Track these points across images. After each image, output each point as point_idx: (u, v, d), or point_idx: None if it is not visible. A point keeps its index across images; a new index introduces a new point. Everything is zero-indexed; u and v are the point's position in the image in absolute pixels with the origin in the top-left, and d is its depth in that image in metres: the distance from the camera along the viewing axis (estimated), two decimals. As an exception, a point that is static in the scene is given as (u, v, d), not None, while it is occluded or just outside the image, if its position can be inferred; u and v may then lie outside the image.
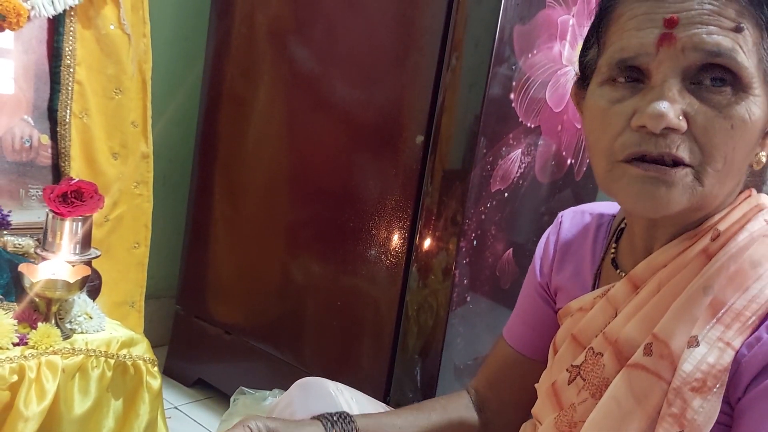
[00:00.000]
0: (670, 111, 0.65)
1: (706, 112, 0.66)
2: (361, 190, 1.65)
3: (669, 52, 0.66)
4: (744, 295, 0.69)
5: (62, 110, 1.61)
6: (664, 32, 0.66)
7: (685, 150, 0.67)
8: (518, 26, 1.46)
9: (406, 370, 1.61)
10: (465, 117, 1.48)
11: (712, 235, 0.73)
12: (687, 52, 0.66)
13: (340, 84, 1.68)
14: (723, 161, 0.67)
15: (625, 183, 0.69)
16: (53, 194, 1.38)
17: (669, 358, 0.70)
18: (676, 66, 0.66)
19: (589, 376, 0.77)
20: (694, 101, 0.67)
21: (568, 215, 0.96)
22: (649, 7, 0.67)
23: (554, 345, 0.88)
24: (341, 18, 1.67)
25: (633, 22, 0.68)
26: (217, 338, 1.98)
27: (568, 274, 0.92)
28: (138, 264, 1.84)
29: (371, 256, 1.64)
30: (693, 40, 0.65)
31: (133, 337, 1.43)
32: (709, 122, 0.66)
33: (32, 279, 1.29)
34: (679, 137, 0.66)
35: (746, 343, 0.67)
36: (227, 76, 1.92)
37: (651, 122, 0.66)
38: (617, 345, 0.75)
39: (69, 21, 1.58)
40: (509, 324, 1.03)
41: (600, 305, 0.80)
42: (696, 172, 0.68)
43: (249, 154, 1.88)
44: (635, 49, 0.68)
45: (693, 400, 0.67)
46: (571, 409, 0.78)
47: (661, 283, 0.74)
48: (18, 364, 1.24)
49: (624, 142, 0.69)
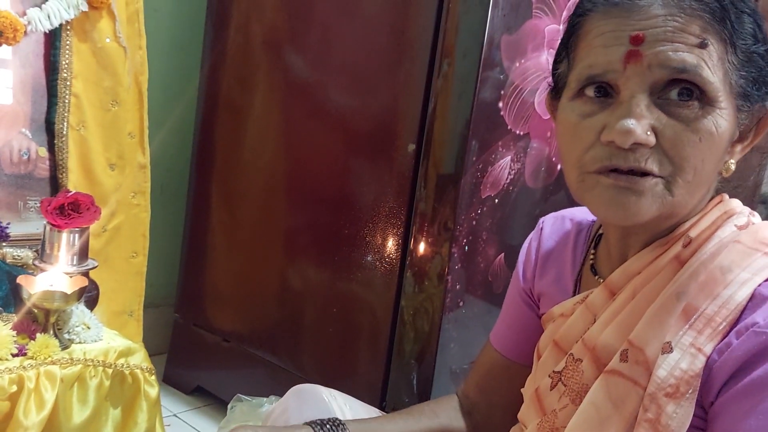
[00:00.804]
0: (638, 127, 0.67)
1: (674, 125, 0.68)
2: (356, 196, 1.67)
3: (636, 69, 0.68)
4: (715, 301, 0.70)
5: (59, 123, 1.63)
6: (631, 49, 0.67)
7: (654, 163, 0.68)
8: (506, 36, 1.48)
9: (402, 375, 1.63)
10: (455, 124, 1.50)
11: (684, 242, 0.74)
12: (653, 68, 0.67)
13: (335, 92, 1.70)
14: (693, 172, 0.69)
15: (597, 192, 0.71)
16: (50, 206, 1.40)
17: (644, 364, 0.71)
18: (643, 82, 0.68)
19: (570, 382, 0.79)
20: (662, 115, 0.68)
21: (549, 221, 0.98)
22: (615, 24, 0.69)
23: (538, 350, 0.89)
24: (335, 28, 1.69)
25: (600, 39, 0.70)
26: (216, 346, 2.00)
27: (550, 279, 0.93)
28: (136, 273, 1.86)
29: (366, 262, 1.66)
30: (659, 57, 0.67)
31: (131, 346, 1.44)
32: (677, 136, 0.68)
33: (30, 290, 1.30)
34: (648, 151, 0.68)
35: (717, 349, 0.68)
36: (223, 85, 1.94)
37: (620, 138, 0.67)
38: (595, 351, 0.76)
39: (65, 35, 1.60)
40: (495, 329, 1.04)
41: (579, 311, 0.81)
42: (666, 182, 0.69)
43: (245, 162, 1.90)
44: (603, 65, 0.69)
45: (667, 406, 0.68)
46: (553, 414, 0.80)
47: (636, 289, 0.76)
48: (17, 375, 1.26)
49: (594, 156, 0.71)
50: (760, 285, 0.70)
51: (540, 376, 0.85)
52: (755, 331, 0.67)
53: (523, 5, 1.50)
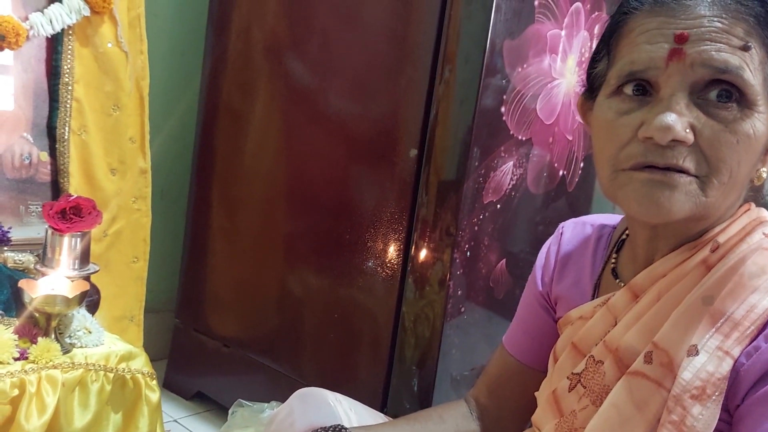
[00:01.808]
0: (678, 123, 0.67)
1: (712, 126, 0.68)
2: (357, 202, 1.67)
3: (678, 67, 0.68)
4: (742, 306, 0.70)
5: (61, 127, 1.63)
6: (674, 47, 0.68)
7: (691, 161, 0.68)
8: (508, 41, 1.48)
9: (403, 381, 1.63)
10: (457, 130, 1.50)
11: (712, 247, 0.74)
12: (696, 67, 0.68)
13: (336, 98, 1.70)
14: (728, 174, 0.69)
15: (631, 189, 0.71)
16: (52, 210, 1.40)
17: (669, 366, 0.71)
18: (684, 80, 0.68)
19: (590, 383, 0.79)
20: (701, 115, 0.68)
21: (569, 226, 0.98)
22: (660, 22, 0.69)
23: (554, 353, 0.89)
24: (336, 33, 1.70)
25: (644, 36, 0.70)
26: (216, 351, 1.99)
27: (569, 283, 0.93)
28: (137, 278, 1.86)
29: (368, 268, 1.66)
30: (702, 56, 0.67)
31: (132, 350, 1.44)
32: (716, 136, 0.68)
33: (32, 294, 1.30)
34: (686, 149, 0.68)
35: (745, 353, 0.69)
36: (224, 91, 1.95)
37: (658, 134, 0.67)
38: (618, 353, 0.76)
39: (67, 40, 1.61)
40: (509, 333, 1.04)
41: (600, 314, 0.81)
42: (701, 182, 0.69)
43: (246, 167, 1.90)
44: (645, 62, 0.70)
45: (692, 408, 0.68)
46: (572, 415, 0.80)
47: (661, 292, 0.76)
48: (19, 379, 1.26)
49: (630, 152, 0.71)
50: None
51: (557, 379, 0.85)
52: None
53: (525, 10, 1.51)
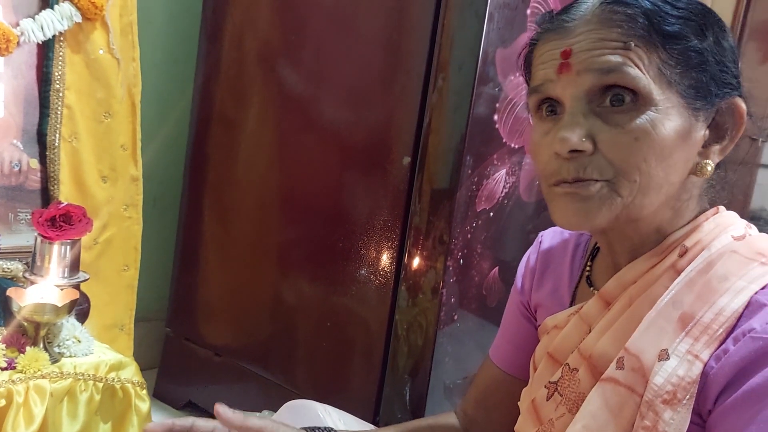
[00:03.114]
0: (573, 135, 0.71)
1: (609, 130, 0.71)
2: (350, 210, 1.67)
3: (568, 78, 0.73)
4: (711, 309, 0.71)
5: (51, 134, 1.63)
6: (561, 62, 0.73)
7: (594, 169, 0.71)
8: (501, 49, 1.48)
9: (396, 390, 1.62)
10: (451, 138, 1.50)
11: (680, 251, 0.75)
12: (582, 74, 0.72)
13: (329, 106, 1.70)
14: (638, 172, 0.71)
15: (554, 204, 0.76)
16: (42, 218, 1.39)
17: (641, 371, 0.71)
18: (577, 90, 0.72)
19: (566, 391, 0.79)
20: (599, 123, 0.72)
21: (548, 234, 0.99)
22: (552, 45, 0.75)
23: (533, 362, 0.90)
24: (329, 41, 1.69)
25: (541, 58, 0.76)
26: (207, 360, 1.98)
27: (547, 291, 0.94)
28: (127, 287, 1.85)
29: (361, 276, 1.65)
30: (585, 63, 0.72)
31: (122, 360, 1.43)
32: (612, 139, 0.71)
33: (21, 303, 1.29)
34: (587, 158, 0.71)
35: (714, 356, 0.69)
36: (217, 98, 1.94)
37: (558, 147, 0.72)
38: (591, 360, 0.77)
39: (58, 46, 1.60)
40: (495, 344, 1.04)
41: (574, 322, 0.82)
42: (611, 184, 0.72)
43: (239, 175, 1.89)
44: (542, 78, 0.76)
45: (664, 413, 0.68)
46: (550, 424, 0.80)
47: (632, 298, 0.77)
48: (6, 389, 1.24)
49: (551, 170, 0.75)
50: (757, 293, 0.70)
51: (536, 387, 0.85)
52: (752, 336, 0.67)
53: (518, 19, 1.51)
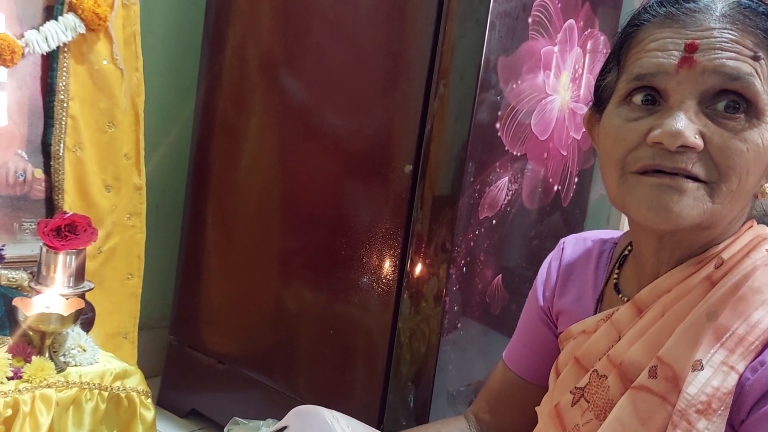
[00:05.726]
0: (688, 129, 0.68)
1: (722, 134, 0.69)
2: (352, 218, 1.67)
3: (689, 75, 0.69)
4: (747, 321, 0.71)
5: (56, 144, 1.63)
6: (685, 56, 0.69)
7: (700, 168, 0.69)
8: (502, 57, 1.49)
9: (400, 398, 1.62)
10: (453, 145, 1.51)
11: (716, 263, 0.75)
12: (707, 75, 0.68)
13: (331, 114, 1.71)
14: (738, 182, 0.69)
15: (639, 193, 0.71)
16: (47, 228, 1.39)
17: (674, 380, 0.71)
18: (694, 88, 0.69)
19: (594, 397, 0.79)
20: (710, 124, 0.69)
21: (570, 241, 0.98)
22: (671, 32, 0.70)
23: (556, 368, 0.89)
24: (331, 50, 1.70)
25: (655, 44, 0.71)
26: (211, 368, 1.98)
27: (571, 298, 0.93)
28: (131, 295, 1.85)
29: (363, 284, 1.65)
30: (713, 63, 0.68)
31: (127, 368, 1.43)
32: (726, 143, 0.68)
33: (26, 312, 1.30)
34: (695, 155, 0.68)
35: (750, 368, 0.69)
36: (219, 107, 1.95)
37: (668, 139, 0.68)
38: (622, 367, 0.76)
39: (62, 57, 1.61)
40: (509, 348, 1.04)
41: (604, 328, 0.81)
42: (709, 188, 0.69)
43: (241, 184, 1.90)
44: (656, 67, 0.71)
45: (698, 422, 0.68)
46: (575, 429, 0.80)
47: (666, 307, 0.76)
48: (12, 398, 1.24)
49: (638, 156, 0.71)
50: None
51: (559, 393, 0.85)
52: None
53: (519, 27, 1.52)
